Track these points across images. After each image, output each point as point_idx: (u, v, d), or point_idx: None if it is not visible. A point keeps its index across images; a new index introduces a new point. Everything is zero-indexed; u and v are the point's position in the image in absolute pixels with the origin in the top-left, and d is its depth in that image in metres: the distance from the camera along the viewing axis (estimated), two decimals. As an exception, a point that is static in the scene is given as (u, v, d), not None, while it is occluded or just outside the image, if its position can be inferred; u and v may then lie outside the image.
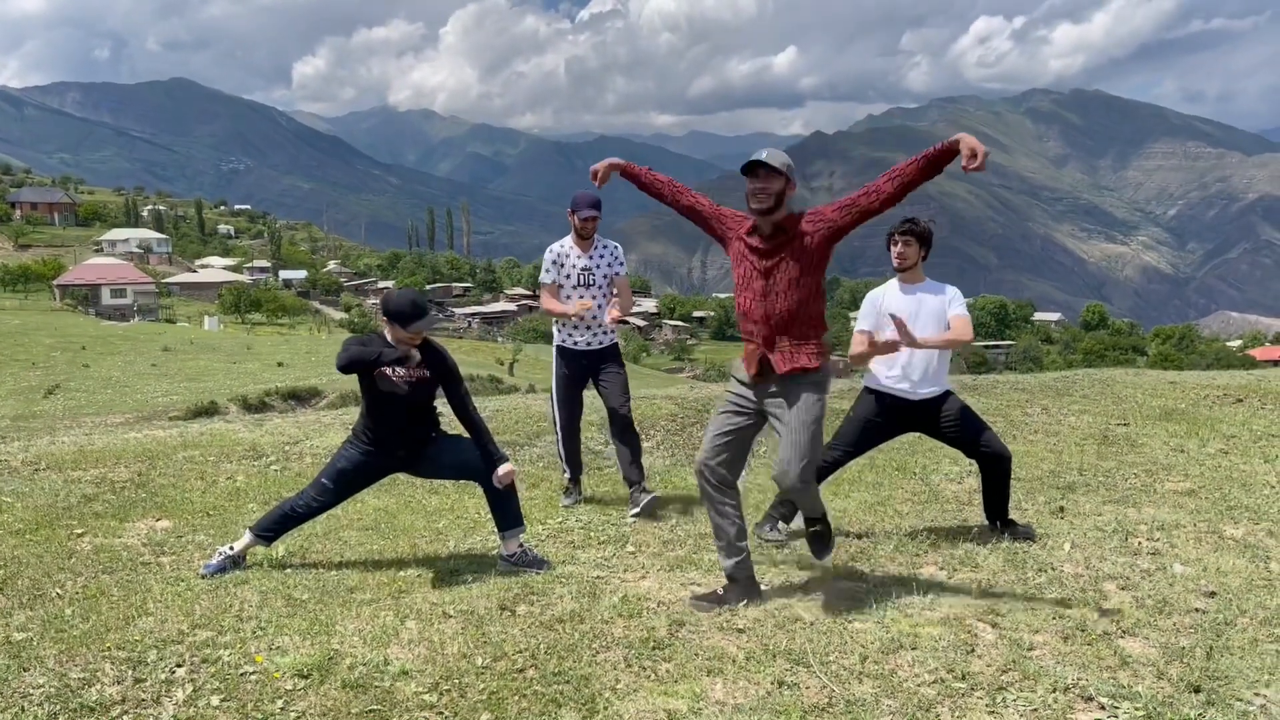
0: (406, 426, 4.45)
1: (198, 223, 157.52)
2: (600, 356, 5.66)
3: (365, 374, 4.32)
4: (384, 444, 4.46)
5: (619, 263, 5.67)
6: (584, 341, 5.63)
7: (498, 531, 4.52)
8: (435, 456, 4.54)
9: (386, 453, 4.48)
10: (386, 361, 4.27)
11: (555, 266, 5.63)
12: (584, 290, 5.56)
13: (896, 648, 3.53)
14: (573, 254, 5.60)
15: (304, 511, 4.50)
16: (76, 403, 25.87)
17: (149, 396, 29.95)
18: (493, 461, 4.43)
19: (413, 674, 3.24)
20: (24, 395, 27.87)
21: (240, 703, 3.01)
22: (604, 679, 3.25)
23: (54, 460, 6.65)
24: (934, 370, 4.84)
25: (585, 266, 5.56)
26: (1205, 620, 3.81)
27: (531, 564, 4.46)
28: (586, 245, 5.61)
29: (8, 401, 26.94)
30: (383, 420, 4.42)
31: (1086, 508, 5.57)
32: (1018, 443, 7.55)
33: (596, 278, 5.59)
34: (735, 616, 3.82)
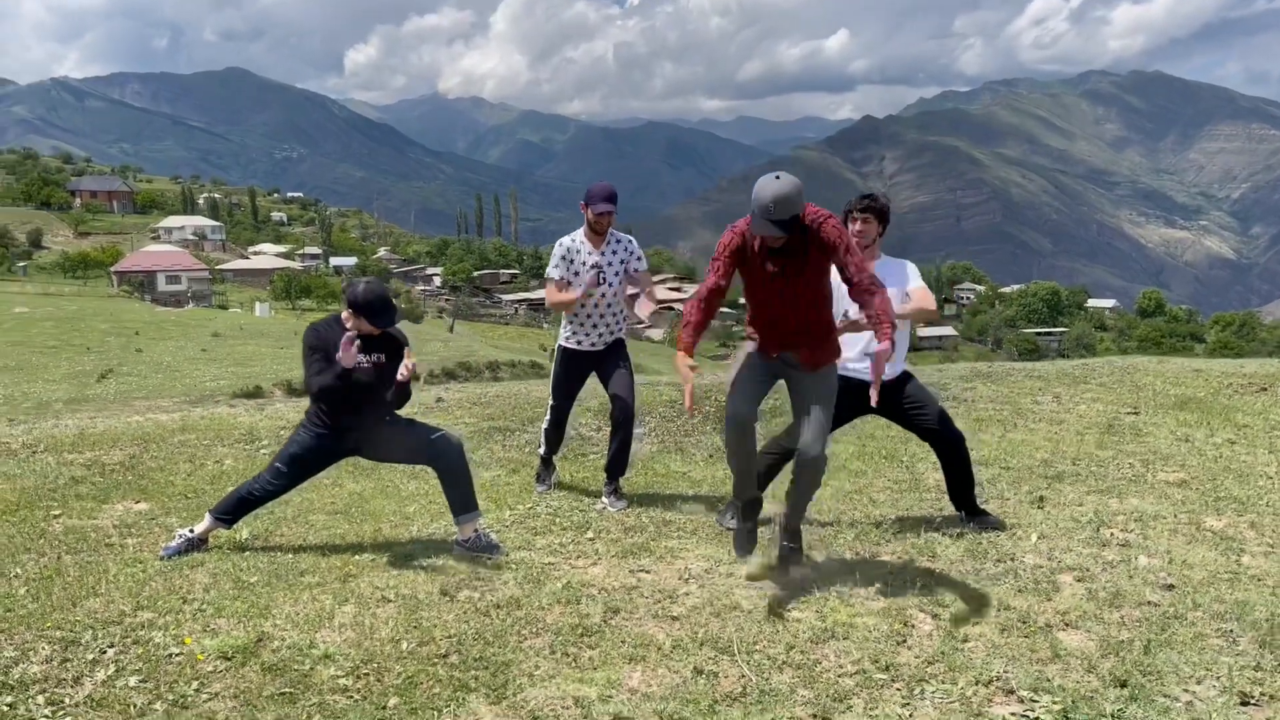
0: (363, 412, 4.48)
1: (251, 210, 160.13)
2: (605, 354, 5.46)
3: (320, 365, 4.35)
4: (338, 429, 4.49)
5: (636, 258, 5.41)
6: (589, 343, 5.41)
7: (453, 516, 4.54)
8: (388, 439, 4.57)
9: (340, 437, 4.52)
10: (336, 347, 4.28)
11: (564, 262, 5.31)
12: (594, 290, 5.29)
13: (827, 637, 3.49)
14: (584, 249, 5.31)
15: (260, 495, 4.55)
16: (128, 387, 26.51)
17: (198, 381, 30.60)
18: None
19: (335, 658, 3.28)
20: (78, 379, 28.63)
21: (156, 684, 3.07)
22: (523, 665, 3.26)
23: (53, 442, 6.81)
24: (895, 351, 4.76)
25: (597, 263, 5.28)
26: (1154, 614, 3.72)
27: (485, 549, 4.47)
28: (599, 241, 5.32)
29: (62, 385, 27.69)
30: (339, 406, 4.45)
31: (1069, 498, 5.46)
32: (1018, 431, 7.42)
33: (608, 275, 5.30)
34: (672, 605, 3.81)
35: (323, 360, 4.33)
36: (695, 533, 4.78)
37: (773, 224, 3.65)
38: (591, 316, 5.37)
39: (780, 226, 3.65)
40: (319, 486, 5.72)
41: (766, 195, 3.63)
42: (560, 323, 5.55)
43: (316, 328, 4.44)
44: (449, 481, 4.53)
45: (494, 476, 5.99)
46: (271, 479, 4.53)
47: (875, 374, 3.86)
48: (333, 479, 5.93)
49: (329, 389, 4.33)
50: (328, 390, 4.34)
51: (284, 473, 4.52)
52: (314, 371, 4.36)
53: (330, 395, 4.37)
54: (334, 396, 4.38)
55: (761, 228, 3.68)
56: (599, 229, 5.30)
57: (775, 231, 3.67)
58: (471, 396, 8.97)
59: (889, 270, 4.76)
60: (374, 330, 4.34)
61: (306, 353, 4.40)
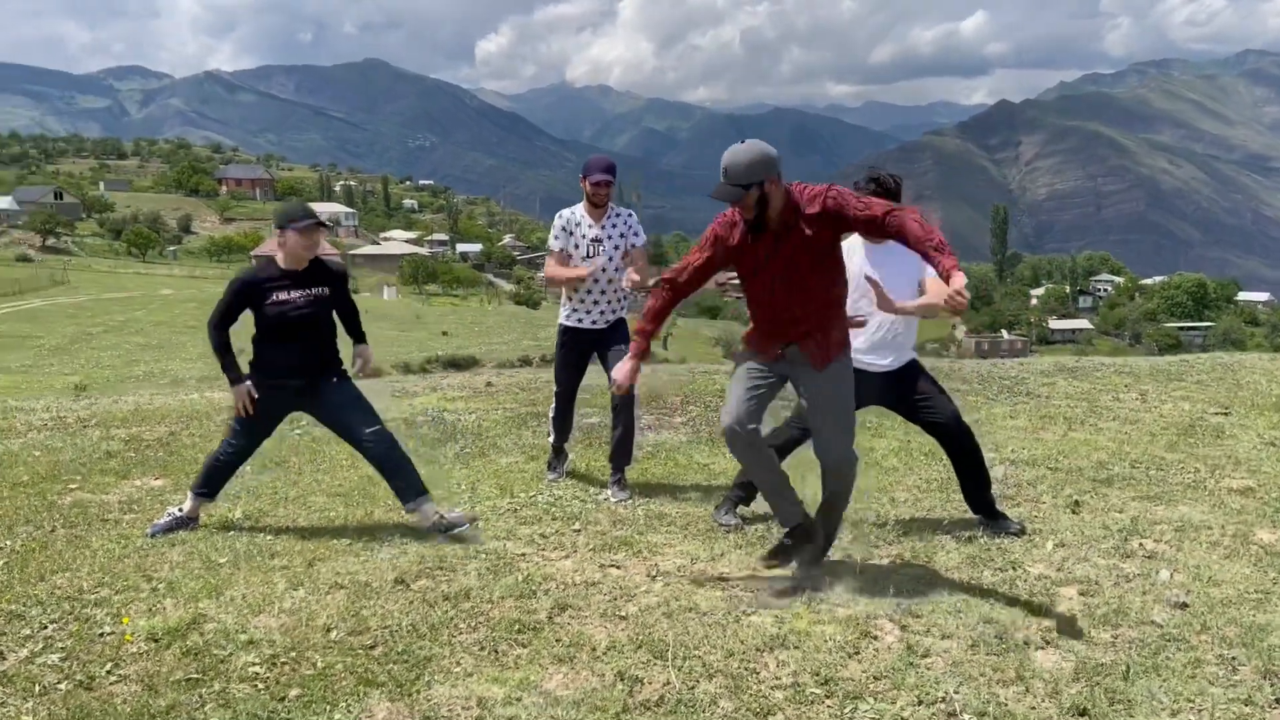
0: (302, 353, 4.40)
1: (384, 197, 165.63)
2: (607, 334, 5.35)
3: (257, 303, 4.30)
4: (280, 375, 4.40)
5: (634, 233, 5.35)
6: (590, 320, 5.31)
7: (403, 506, 4.48)
8: (331, 405, 4.50)
9: (283, 386, 4.42)
10: (276, 286, 4.29)
11: (564, 234, 5.27)
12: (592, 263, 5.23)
13: (776, 645, 3.27)
14: (584, 222, 5.25)
15: (226, 460, 4.54)
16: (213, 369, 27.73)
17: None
18: None
19: (261, 644, 3.23)
20: (212, 358, 30.13)
21: (72, 663, 3.08)
22: (445, 661, 3.15)
23: (107, 417, 7.06)
24: (901, 339, 4.45)
25: (596, 237, 5.22)
26: (1152, 635, 3.35)
27: (456, 524, 4.41)
28: (599, 214, 5.27)
29: (198, 363, 29.19)
30: (278, 349, 4.36)
31: (1110, 503, 5.03)
32: (1082, 429, 6.92)
33: (607, 248, 5.24)
34: (626, 603, 3.63)
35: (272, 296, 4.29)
36: (686, 528, 4.59)
37: (728, 186, 3.52)
38: (592, 293, 5.25)
39: (733, 190, 3.50)
40: (331, 469, 5.76)
41: (725, 157, 3.53)
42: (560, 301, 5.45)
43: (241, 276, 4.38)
44: (386, 474, 4.51)
45: (510, 463, 5.90)
46: (231, 440, 4.53)
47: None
48: (350, 460, 5.97)
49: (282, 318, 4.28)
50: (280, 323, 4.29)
51: (239, 431, 4.51)
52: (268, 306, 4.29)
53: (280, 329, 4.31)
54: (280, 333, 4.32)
55: (719, 191, 3.56)
56: (597, 201, 5.22)
57: (729, 195, 3.53)
58: (521, 381, 8.93)
59: (900, 256, 4.44)
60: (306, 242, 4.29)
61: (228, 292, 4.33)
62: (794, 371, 3.81)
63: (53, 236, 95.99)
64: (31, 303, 56.56)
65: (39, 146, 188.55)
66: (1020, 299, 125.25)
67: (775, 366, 3.81)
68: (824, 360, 3.75)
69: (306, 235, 4.30)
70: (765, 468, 3.86)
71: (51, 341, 40.63)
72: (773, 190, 3.54)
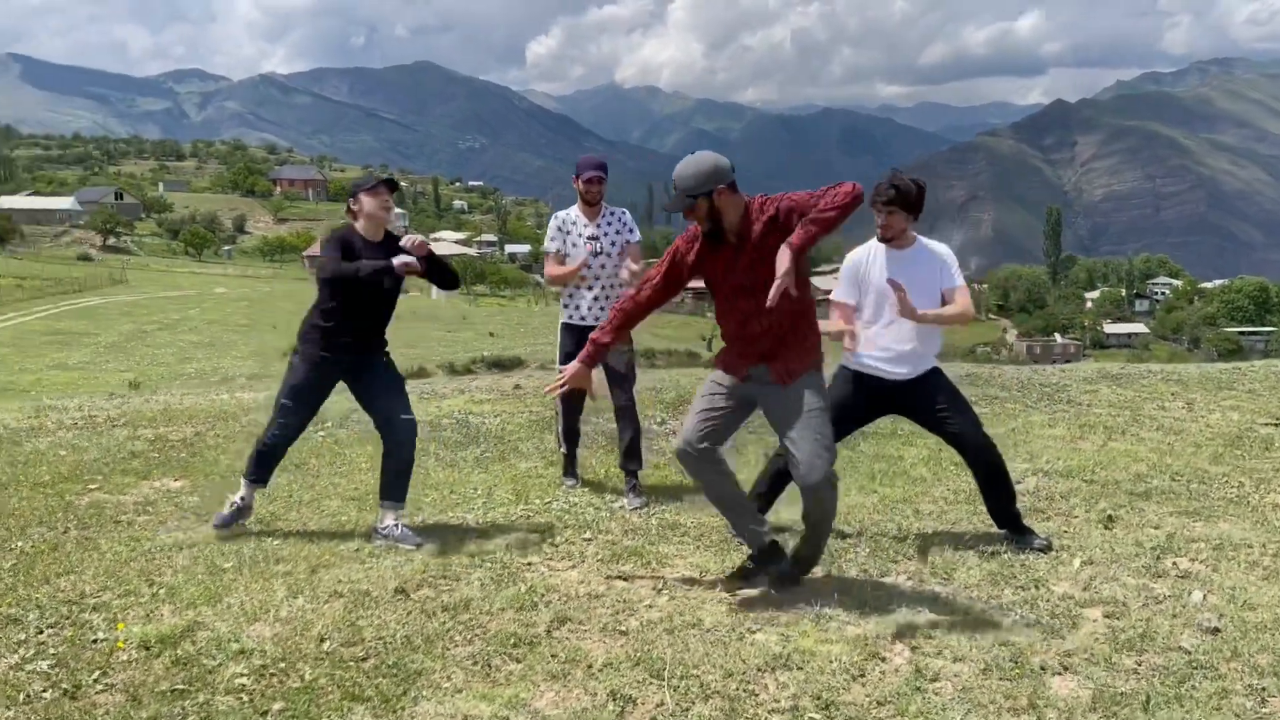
0: (369, 328, 4.45)
1: (434, 198, 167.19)
2: None
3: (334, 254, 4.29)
4: (338, 346, 4.40)
5: (629, 229, 5.38)
6: (592, 317, 5.29)
7: (380, 498, 4.53)
8: (373, 382, 4.52)
9: (338, 357, 4.42)
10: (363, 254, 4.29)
11: (560, 234, 5.32)
12: (590, 260, 5.26)
13: (778, 665, 3.14)
14: (579, 222, 5.30)
15: (275, 440, 4.52)
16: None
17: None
18: None
19: (252, 654, 3.17)
20: (262, 356, 30.53)
21: (61, 670, 3.04)
22: (436, 675, 3.07)
23: (136, 417, 7.12)
24: (922, 345, 4.30)
25: (592, 235, 5.27)
26: (1178, 662, 3.18)
27: (400, 539, 4.36)
28: (594, 213, 5.31)
29: (248, 361, 29.65)
30: (346, 321, 4.36)
31: (1146, 518, 4.83)
32: (1123, 439, 6.69)
33: (604, 245, 5.28)
34: (628, 618, 3.53)
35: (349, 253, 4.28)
36: (699, 539, 4.48)
37: (679, 196, 3.52)
38: (592, 289, 5.28)
39: (684, 200, 3.51)
40: (349, 471, 5.73)
41: (676, 167, 3.54)
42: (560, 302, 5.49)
43: (338, 232, 4.40)
44: (391, 464, 4.52)
45: (529, 468, 5.83)
46: (281, 419, 4.49)
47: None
48: (370, 462, 5.93)
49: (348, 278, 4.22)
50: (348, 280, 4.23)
51: (290, 408, 4.48)
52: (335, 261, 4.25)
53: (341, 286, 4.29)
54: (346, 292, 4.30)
55: (671, 202, 3.56)
56: (590, 199, 5.28)
57: (678, 205, 3.54)
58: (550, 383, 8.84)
59: (923, 263, 4.29)
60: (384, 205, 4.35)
61: (328, 246, 4.32)
62: (761, 393, 3.71)
63: (113, 236, 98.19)
64: (90, 300, 57.89)
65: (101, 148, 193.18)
66: (1074, 302, 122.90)
67: (742, 389, 3.72)
68: (791, 376, 3.64)
69: (376, 195, 4.36)
70: (722, 487, 3.77)
71: (108, 339, 41.48)
72: (724, 201, 3.52)
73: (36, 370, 32.31)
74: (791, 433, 3.62)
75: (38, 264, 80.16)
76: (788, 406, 3.63)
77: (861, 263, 4.32)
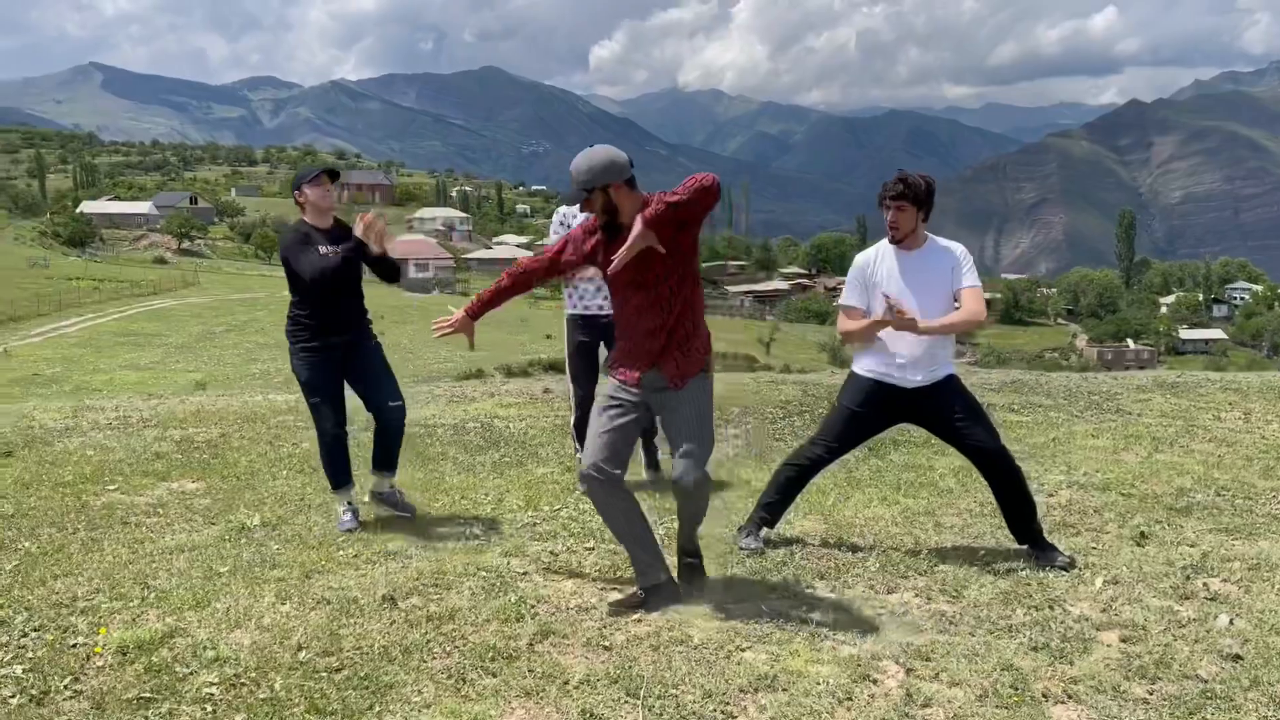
0: (340, 307, 4.62)
1: (497, 202, 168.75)
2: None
3: (301, 257, 4.50)
4: (322, 332, 4.59)
5: None
6: (595, 306, 5.42)
7: (372, 468, 4.87)
8: (375, 368, 4.78)
9: (327, 342, 4.61)
10: (314, 241, 4.54)
11: (562, 227, 5.39)
12: None
13: (763, 686, 3.01)
14: (582, 216, 5.23)
15: (331, 441, 4.73)
16: None
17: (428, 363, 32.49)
18: None
19: (227, 662, 3.13)
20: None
21: (34, 675, 3.02)
22: (406, 689, 2.99)
23: (167, 418, 7.19)
24: (934, 351, 4.11)
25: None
26: (1192, 691, 2.97)
27: (395, 506, 4.81)
28: None
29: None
30: (320, 308, 4.57)
31: (1183, 535, 4.58)
32: (1170, 451, 6.39)
33: None
34: (615, 632, 3.42)
35: (313, 252, 4.50)
36: (704, 550, 4.32)
37: (574, 186, 3.55)
38: (594, 280, 5.34)
39: (577, 192, 3.55)
40: (361, 475, 5.69)
41: (574, 160, 3.57)
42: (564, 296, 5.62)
43: (292, 230, 4.68)
44: (383, 440, 4.83)
45: (545, 473, 5.74)
46: (321, 421, 4.71)
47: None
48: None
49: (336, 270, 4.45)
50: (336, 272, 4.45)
51: (320, 405, 4.68)
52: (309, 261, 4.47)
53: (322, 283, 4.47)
54: (323, 286, 4.48)
55: (567, 195, 3.67)
56: None
57: (572, 196, 3.60)
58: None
59: (934, 265, 4.11)
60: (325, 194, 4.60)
61: (296, 250, 4.53)
62: (656, 400, 3.66)
63: (187, 240, 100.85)
64: (163, 302, 59.49)
65: (178, 154, 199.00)
66: (1148, 307, 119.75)
67: (638, 398, 3.64)
68: (683, 378, 3.61)
69: (318, 185, 4.60)
70: (625, 518, 3.68)
71: (178, 340, 42.55)
72: (620, 196, 3.51)
73: (109, 370, 33.28)
74: (679, 435, 3.62)
75: (115, 266, 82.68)
76: (680, 410, 3.63)
77: (869, 265, 4.15)
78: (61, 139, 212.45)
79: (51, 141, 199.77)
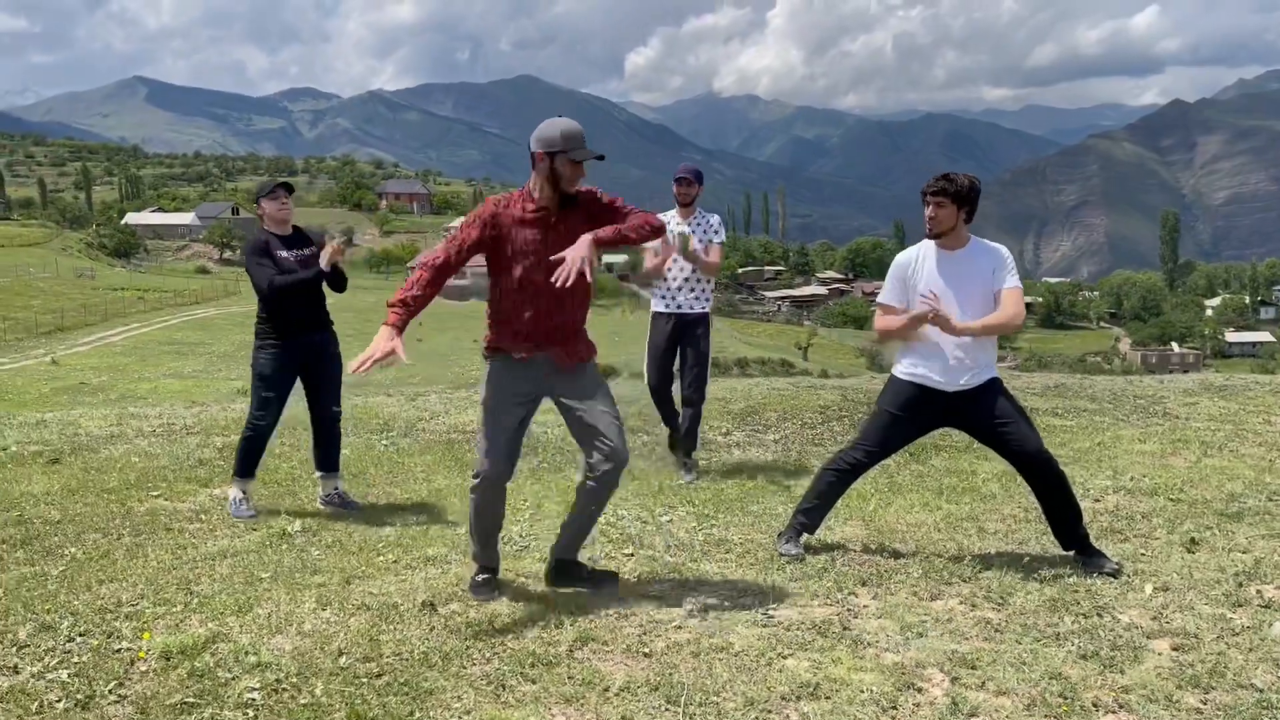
0: (307, 308, 4.96)
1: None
2: (691, 324, 5.96)
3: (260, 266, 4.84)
4: (288, 332, 4.92)
5: (715, 231, 5.99)
6: (674, 304, 5.94)
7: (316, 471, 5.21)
8: (330, 375, 5.13)
9: (293, 342, 4.95)
10: (276, 247, 4.91)
11: None
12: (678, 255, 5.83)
13: (805, 694, 2.96)
14: (673, 220, 5.90)
15: (256, 432, 5.00)
16: (402, 373, 28.68)
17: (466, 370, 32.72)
18: None
19: (268, 668, 3.13)
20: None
21: (80, 680, 3.05)
22: (448, 695, 2.98)
23: (210, 425, 7.27)
24: (977, 354, 4.04)
25: (682, 233, 5.79)
26: (1247, 701, 2.89)
27: (344, 505, 5.06)
28: (687, 214, 5.98)
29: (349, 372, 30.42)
30: (280, 307, 4.88)
31: (1234, 541, 4.47)
32: (1220, 455, 6.26)
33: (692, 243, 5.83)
34: (655, 638, 3.39)
35: (273, 264, 4.85)
36: (743, 556, 4.30)
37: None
38: (676, 279, 5.90)
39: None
40: (403, 481, 5.73)
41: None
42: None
43: (253, 240, 4.98)
44: (324, 443, 5.15)
45: (583, 479, 5.72)
46: (260, 409, 4.98)
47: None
48: (425, 473, 5.93)
49: (287, 288, 4.81)
50: (286, 289, 4.81)
51: (271, 399, 4.95)
52: (270, 274, 4.81)
53: (286, 295, 4.83)
54: (288, 297, 4.84)
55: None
56: (682, 201, 5.97)
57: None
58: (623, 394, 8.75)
59: (975, 265, 4.05)
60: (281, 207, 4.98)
61: (253, 260, 4.87)
62: (546, 384, 3.71)
63: (229, 250, 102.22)
64: (206, 311, 60.42)
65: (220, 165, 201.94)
66: (1193, 310, 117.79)
67: (526, 388, 3.70)
68: (574, 358, 3.69)
69: (275, 199, 4.99)
70: (495, 515, 3.82)
71: (220, 349, 43.20)
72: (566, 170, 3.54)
73: (154, 379, 33.85)
74: (589, 415, 3.65)
75: (159, 277, 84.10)
76: (580, 389, 3.68)
77: (909, 264, 4.10)
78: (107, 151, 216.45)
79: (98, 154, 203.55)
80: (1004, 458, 4.19)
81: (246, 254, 4.97)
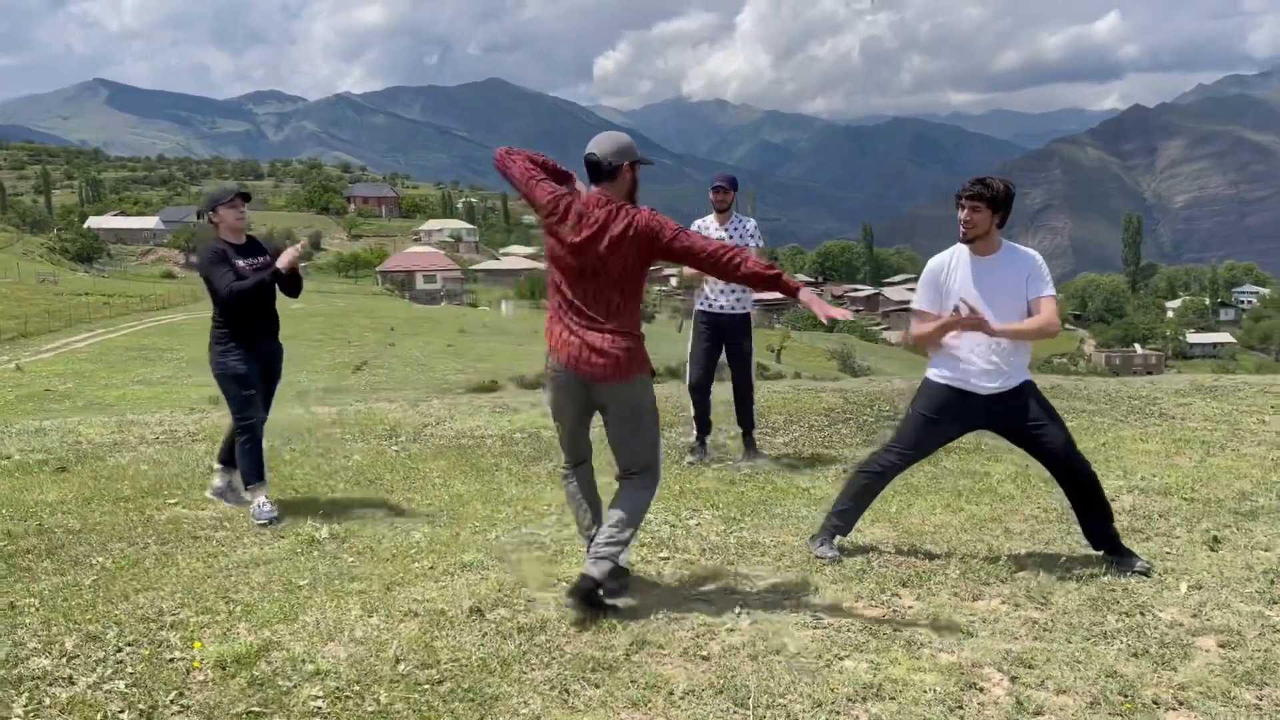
0: (264, 315, 5.06)
1: (504, 214, 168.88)
2: (735, 326, 6.32)
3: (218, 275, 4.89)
4: (246, 336, 5.00)
5: (751, 236, 6.32)
6: (718, 305, 6.27)
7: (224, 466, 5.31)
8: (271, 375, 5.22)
9: (252, 346, 5.03)
10: (233, 255, 4.94)
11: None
12: None
13: (870, 695, 2.99)
14: (711, 226, 6.27)
15: (250, 434, 5.02)
16: (378, 378, 28.49)
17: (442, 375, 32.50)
18: None
19: (327, 675, 3.11)
20: (337, 370, 31.07)
21: (138, 690, 3.01)
22: (512, 700, 2.98)
23: (215, 431, 7.18)
24: (1011, 358, 4.09)
25: (720, 238, 5.89)
26: (1304, 699, 2.95)
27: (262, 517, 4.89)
28: (724, 219, 6.29)
29: (323, 375, 30.13)
30: (246, 316, 4.97)
31: (1255, 539, 4.56)
32: (1223, 455, 6.37)
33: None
34: (710, 641, 3.40)
35: (232, 271, 4.88)
36: (780, 559, 4.32)
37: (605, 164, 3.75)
38: (718, 283, 6.18)
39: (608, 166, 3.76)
40: (421, 486, 5.70)
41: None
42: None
43: (210, 247, 5.00)
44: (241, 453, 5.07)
45: (604, 483, 5.69)
46: (253, 412, 5.03)
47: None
48: (442, 479, 5.90)
49: (245, 292, 4.86)
50: (245, 293, 4.86)
51: (252, 397, 5.02)
52: (230, 280, 4.86)
53: (246, 299, 4.89)
54: (248, 301, 4.91)
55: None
56: (719, 207, 6.28)
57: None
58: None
59: (1009, 271, 4.08)
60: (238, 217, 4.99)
61: (214, 268, 4.88)
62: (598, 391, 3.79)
63: (194, 254, 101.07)
64: (173, 317, 59.60)
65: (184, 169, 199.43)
66: (1155, 311, 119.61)
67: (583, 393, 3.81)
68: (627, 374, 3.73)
69: (233, 207, 5.00)
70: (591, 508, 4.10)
71: (189, 354, 42.52)
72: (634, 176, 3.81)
73: (121, 385, 33.29)
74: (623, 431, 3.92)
75: (124, 281, 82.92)
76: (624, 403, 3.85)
77: (943, 270, 4.13)
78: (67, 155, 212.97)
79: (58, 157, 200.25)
80: (1037, 459, 4.23)
81: (203, 261, 5.00)
